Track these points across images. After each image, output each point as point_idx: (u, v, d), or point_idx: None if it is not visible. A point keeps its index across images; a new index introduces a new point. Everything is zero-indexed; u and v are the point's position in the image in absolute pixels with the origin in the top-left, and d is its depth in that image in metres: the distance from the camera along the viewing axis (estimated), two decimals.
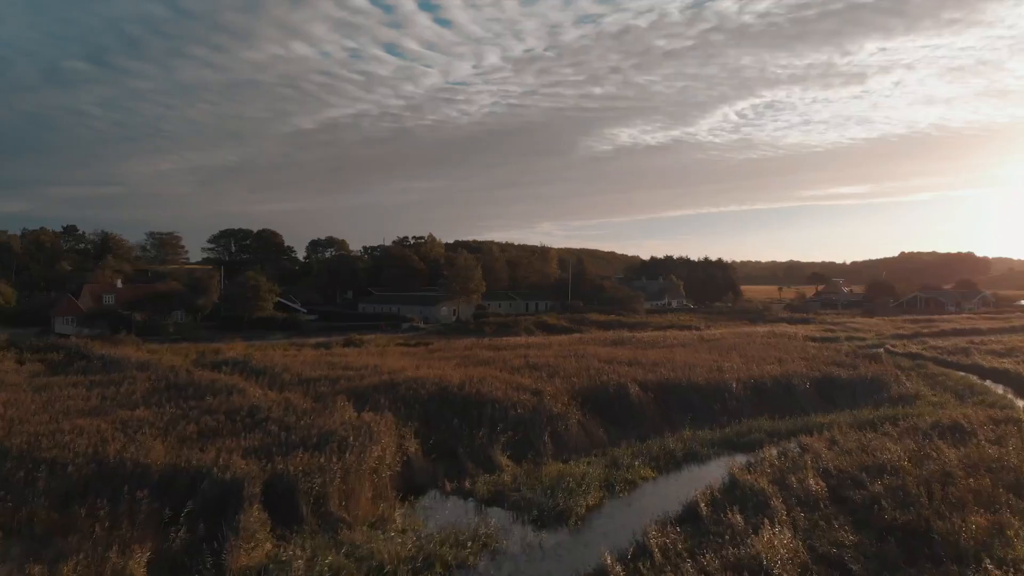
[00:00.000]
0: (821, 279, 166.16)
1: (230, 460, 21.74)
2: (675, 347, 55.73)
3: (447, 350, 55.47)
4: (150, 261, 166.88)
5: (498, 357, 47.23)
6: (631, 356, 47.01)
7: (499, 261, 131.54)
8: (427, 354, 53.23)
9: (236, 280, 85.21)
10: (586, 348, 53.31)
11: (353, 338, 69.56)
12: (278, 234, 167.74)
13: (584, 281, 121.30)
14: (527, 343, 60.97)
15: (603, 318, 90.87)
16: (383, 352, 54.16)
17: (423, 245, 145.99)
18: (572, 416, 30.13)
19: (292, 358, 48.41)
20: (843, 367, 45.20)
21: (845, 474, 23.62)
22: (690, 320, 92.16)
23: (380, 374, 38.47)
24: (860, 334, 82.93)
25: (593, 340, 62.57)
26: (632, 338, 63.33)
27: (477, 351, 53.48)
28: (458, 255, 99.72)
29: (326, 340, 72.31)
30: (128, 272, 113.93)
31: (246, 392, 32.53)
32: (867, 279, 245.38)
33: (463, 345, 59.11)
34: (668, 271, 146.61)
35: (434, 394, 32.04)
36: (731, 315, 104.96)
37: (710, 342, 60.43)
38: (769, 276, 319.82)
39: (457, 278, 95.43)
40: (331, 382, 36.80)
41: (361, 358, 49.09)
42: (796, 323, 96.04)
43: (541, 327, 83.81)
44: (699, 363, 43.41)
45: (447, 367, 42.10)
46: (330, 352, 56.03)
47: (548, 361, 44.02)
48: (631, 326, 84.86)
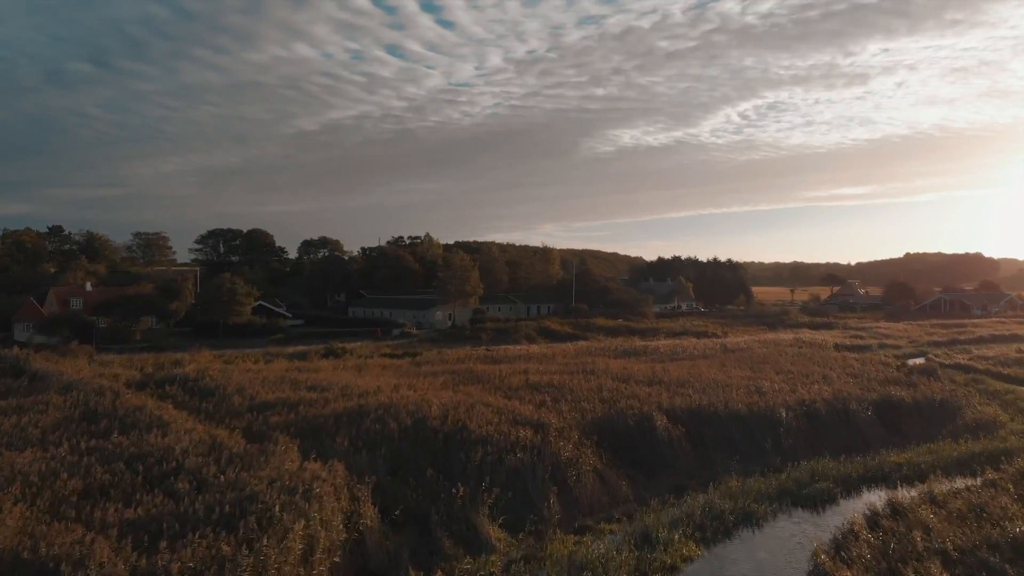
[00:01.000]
0: (836, 280, 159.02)
1: (93, 548, 14.93)
2: (698, 359, 48.81)
3: (436, 363, 48.59)
4: (136, 262, 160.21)
5: (493, 372, 40.37)
6: (649, 372, 40.11)
7: (499, 262, 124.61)
8: (412, 368, 46.35)
9: (211, 282, 78.42)
10: (595, 361, 46.38)
11: (335, 347, 62.68)
12: (268, 234, 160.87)
13: (589, 283, 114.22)
14: (528, 353, 54.08)
15: (610, 323, 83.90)
16: (363, 366, 47.28)
17: (419, 245, 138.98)
18: (585, 461, 23.23)
19: (255, 374, 41.56)
20: (900, 386, 38.30)
21: (972, 559, 16.77)
22: (705, 325, 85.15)
23: (349, 397, 31.69)
24: (891, 341, 75.90)
25: (602, 350, 55.65)
26: (646, 348, 56.39)
27: (470, 364, 46.60)
28: (454, 255, 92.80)
29: (306, 349, 65.48)
30: (102, 274, 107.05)
31: (170, 427, 25.66)
32: (874, 280, 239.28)
33: (455, 356, 52.24)
34: (676, 272, 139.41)
35: (408, 429, 25.17)
36: (747, 319, 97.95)
37: (735, 352, 53.51)
38: (774, 277, 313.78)
39: (453, 280, 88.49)
40: (288, 408, 30.04)
41: (335, 374, 42.28)
42: (818, 328, 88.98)
43: (543, 333, 76.92)
44: (732, 381, 36.51)
45: (431, 387, 35.27)
46: (304, 365, 49.18)
47: (552, 379, 37.14)
48: (641, 332, 77.91)
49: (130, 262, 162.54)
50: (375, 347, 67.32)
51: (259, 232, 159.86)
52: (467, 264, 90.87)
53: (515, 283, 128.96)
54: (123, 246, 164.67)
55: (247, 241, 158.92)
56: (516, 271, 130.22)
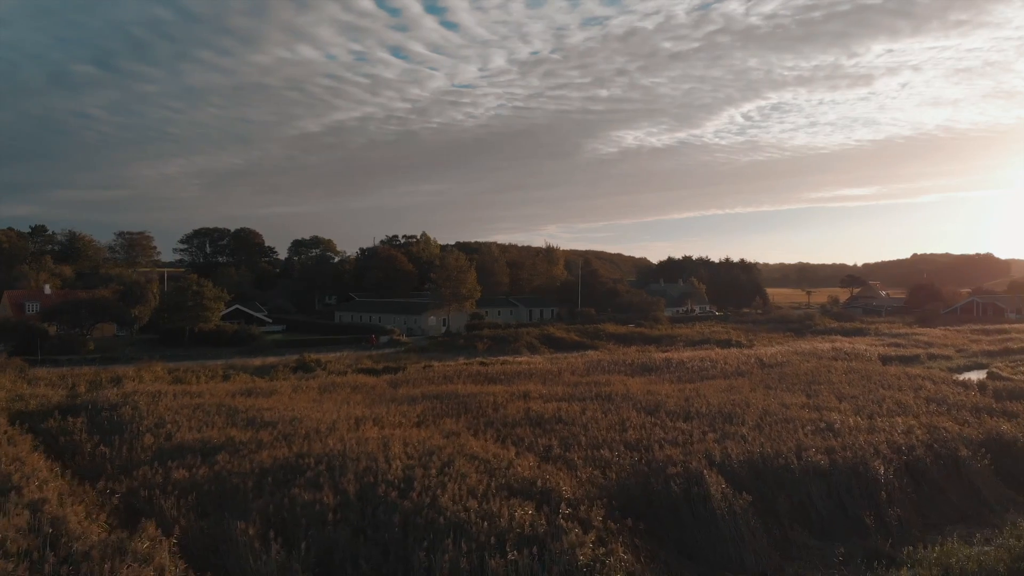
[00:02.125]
0: (855, 282, 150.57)
1: None
2: (733, 378, 40.74)
3: (419, 382, 40.55)
4: (118, 263, 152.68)
5: (486, 398, 32.38)
6: (681, 397, 32.05)
7: (499, 262, 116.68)
8: (388, 389, 38.35)
9: (177, 285, 70.60)
10: (610, 380, 38.35)
11: (308, 359, 54.71)
12: (258, 233, 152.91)
13: (595, 285, 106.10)
14: (529, 368, 46.04)
15: (621, 330, 75.77)
16: (329, 386, 39.24)
17: (414, 245, 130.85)
18: (615, 564, 15.14)
19: (192, 399, 33.59)
20: (997, 416, 30.21)
21: None
22: (726, 332, 77.00)
23: (291, 440, 23.91)
24: (936, 350, 67.70)
25: (616, 364, 47.57)
26: (668, 361, 48.26)
27: (459, 384, 38.63)
28: (448, 254, 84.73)
29: (276, 361, 57.63)
30: (68, 276, 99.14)
31: (8, 496, 17.71)
32: (883, 281, 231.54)
33: (443, 372, 44.20)
34: (688, 273, 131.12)
35: (351, 504, 17.19)
36: (769, 325, 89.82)
37: (774, 368, 45.44)
38: (781, 278, 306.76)
39: (447, 282, 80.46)
40: (204, 457, 22.32)
41: (291, 399, 34.40)
42: (850, 335, 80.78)
43: (546, 341, 68.87)
44: (791, 413, 28.43)
45: (404, 421, 27.39)
46: (259, 385, 41.20)
47: (560, 409, 29.16)
48: (657, 341, 69.80)
49: (112, 263, 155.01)
50: (356, 358, 59.39)
51: (247, 231, 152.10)
52: (463, 264, 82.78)
53: (516, 285, 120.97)
54: (106, 246, 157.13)
55: (235, 241, 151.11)
56: (518, 272, 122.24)
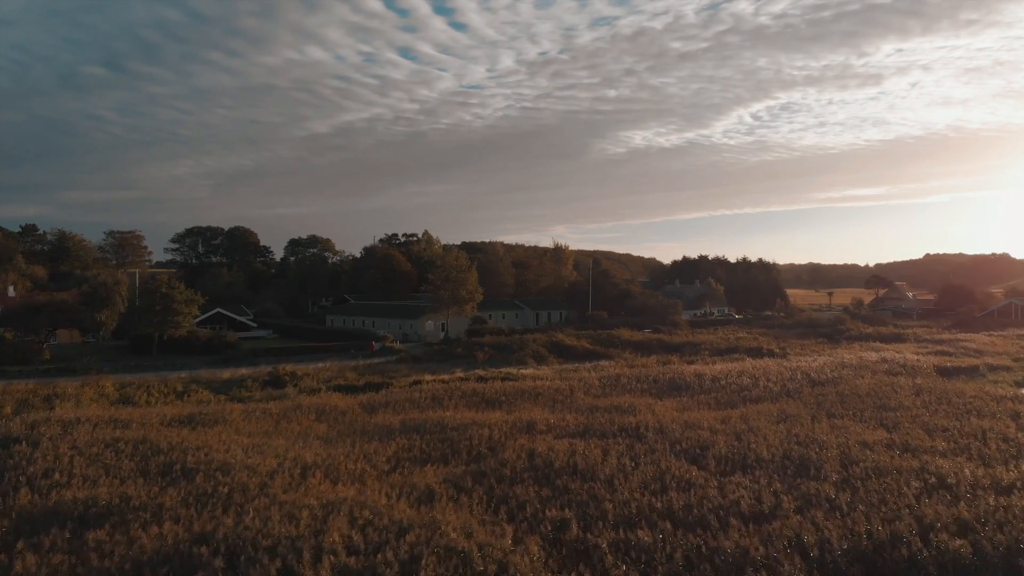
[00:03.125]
0: (880, 282, 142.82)
1: None
2: (781, 399, 33.58)
3: (400, 405, 33.55)
4: (108, 263, 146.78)
5: (479, 431, 25.40)
6: (726, 431, 24.92)
7: (504, 262, 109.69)
8: (363, 414, 31.40)
9: (146, 288, 64.04)
10: (634, 404, 31.27)
11: (282, 373, 47.85)
12: (252, 232, 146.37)
13: (607, 286, 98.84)
14: (535, 385, 38.98)
15: (637, 336, 68.55)
16: (293, 410, 32.28)
17: (415, 244, 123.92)
18: None
19: (115, 431, 26.75)
20: None
21: None
22: (754, 339, 69.67)
23: (203, 505, 17.02)
24: (989, 359, 60.15)
25: (638, 381, 40.43)
26: (699, 377, 41.01)
27: (448, 410, 31.68)
28: (447, 253, 77.81)
29: (248, 373, 50.88)
30: (40, 276, 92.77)
31: None
32: (898, 281, 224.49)
33: (432, 392, 37.16)
34: (704, 274, 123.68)
35: None
36: (798, 330, 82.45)
37: (824, 385, 38.23)
38: (793, 279, 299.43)
39: (446, 283, 73.55)
40: (74, 531, 15.50)
41: (239, 431, 27.54)
42: (888, 341, 73.30)
43: (555, 350, 61.80)
44: (878, 457, 21.30)
45: (368, 469, 20.50)
46: (214, 406, 34.37)
47: (574, 451, 22.12)
48: (679, 349, 62.57)
49: (102, 263, 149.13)
50: (339, 370, 52.53)
51: (242, 230, 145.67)
52: (463, 264, 75.76)
53: (522, 286, 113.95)
54: (96, 246, 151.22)
55: (229, 240, 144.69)
56: (524, 273, 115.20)
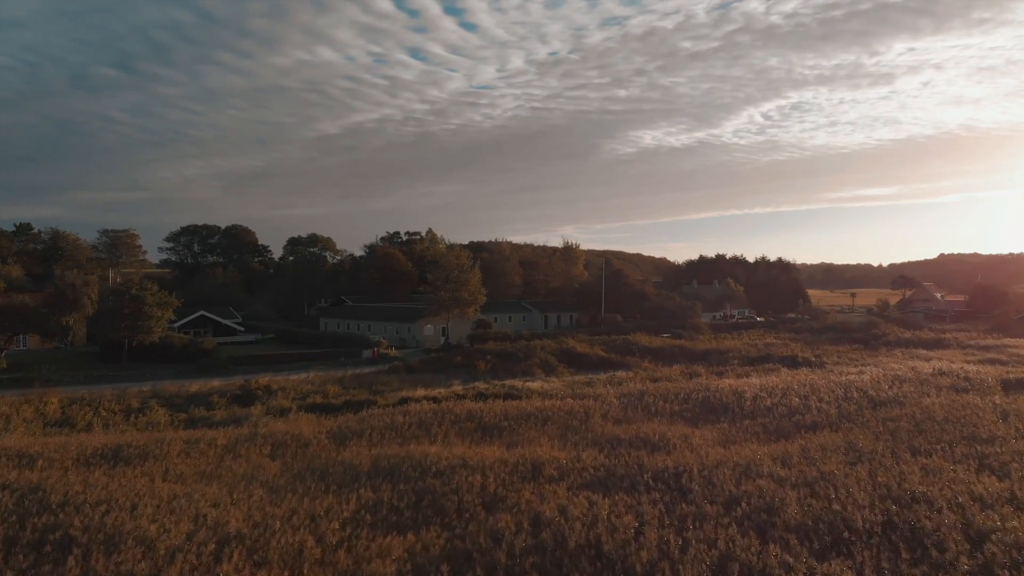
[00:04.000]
0: (908, 283, 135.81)
1: None
2: (842, 425, 27.34)
3: (379, 433, 27.50)
4: (102, 262, 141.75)
5: (469, 479, 19.35)
6: (793, 479, 18.70)
7: (510, 261, 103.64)
8: (330, 446, 25.39)
9: (115, 290, 58.39)
10: (666, 436, 25.11)
11: (255, 386, 41.98)
12: (250, 231, 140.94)
13: (620, 287, 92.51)
14: (543, 405, 32.87)
15: (656, 342, 62.24)
16: (247, 440, 26.34)
17: (418, 243, 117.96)
18: None
19: (6, 473, 20.97)
20: None
21: None
22: (784, 345, 63.30)
23: None
24: None
25: (664, 399, 34.23)
26: (738, 395, 34.71)
27: (435, 442, 25.69)
28: (448, 252, 71.84)
29: (220, 385, 45.06)
30: (15, 277, 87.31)
31: None
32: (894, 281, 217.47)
33: (420, 415, 31.10)
34: (722, 274, 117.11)
35: None
36: (829, 334, 75.95)
37: (888, 406, 31.96)
38: (807, 279, 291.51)
39: (446, 284, 67.57)
40: None
41: (168, 474, 21.72)
42: (932, 348, 66.81)
43: (565, 358, 55.68)
44: (1006, 523, 15.01)
45: (307, 543, 14.37)
46: (151, 434, 28.57)
47: (594, 515, 15.92)
48: (704, 358, 56.27)
49: (95, 263, 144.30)
50: (322, 382, 46.63)
51: (239, 228, 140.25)
52: (464, 263, 69.69)
53: (530, 287, 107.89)
54: (89, 245, 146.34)
55: (225, 239, 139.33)
56: (532, 273, 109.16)
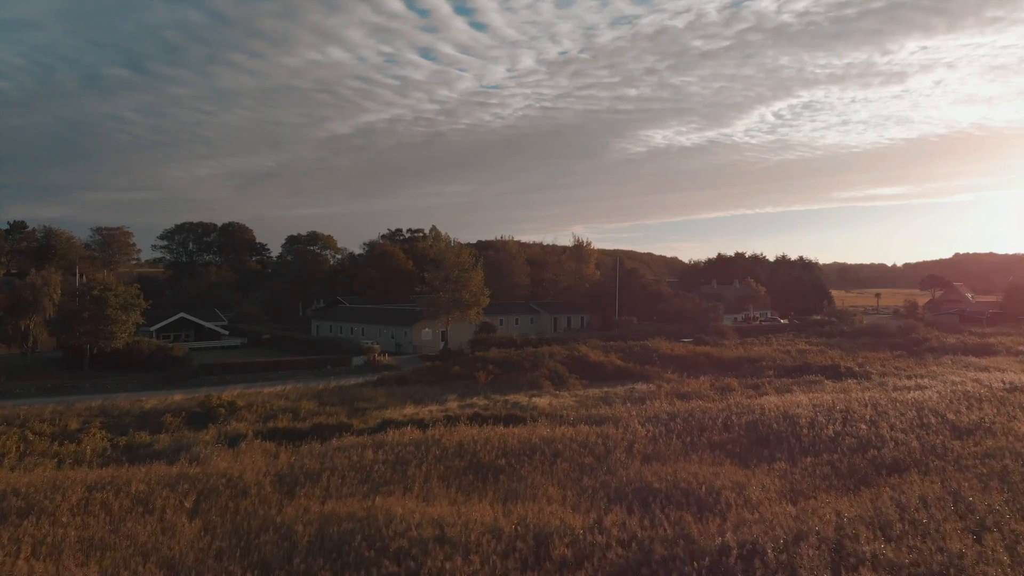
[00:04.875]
0: (938, 283, 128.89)
1: None
2: (928, 465, 21.32)
3: (342, 475, 21.57)
4: (93, 261, 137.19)
5: (440, 560, 13.47)
6: (891, 561, 12.73)
7: (517, 259, 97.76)
8: (273, 497, 19.57)
9: (77, 291, 52.94)
10: (715, 485, 19.14)
11: (218, 401, 36.29)
12: (248, 228, 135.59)
13: (635, 287, 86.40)
14: (552, 434, 26.91)
15: (679, 349, 56.07)
16: (171, 487, 20.59)
17: (420, 241, 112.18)
18: None
19: None
20: None
21: None
22: (819, 352, 57.06)
23: None
24: None
25: (700, 427, 28.16)
26: (789, 421, 28.60)
27: (412, 491, 19.87)
28: (448, 248, 66.03)
29: (181, 400, 39.40)
30: None
31: None
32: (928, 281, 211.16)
33: (398, 449, 25.24)
34: (743, 273, 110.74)
35: None
36: (862, 339, 69.64)
37: (974, 434, 25.85)
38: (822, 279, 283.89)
39: (445, 283, 61.78)
40: None
41: (35, 552, 15.88)
42: (979, 354, 60.38)
43: (577, 367, 49.68)
44: None
45: None
46: (49, 478, 22.91)
47: None
48: (734, 367, 50.08)
49: (88, 262, 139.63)
50: (298, 395, 40.88)
51: (236, 226, 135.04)
52: (465, 261, 63.80)
53: (539, 287, 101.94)
54: (82, 244, 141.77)
55: (222, 236, 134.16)
56: (540, 272, 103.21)
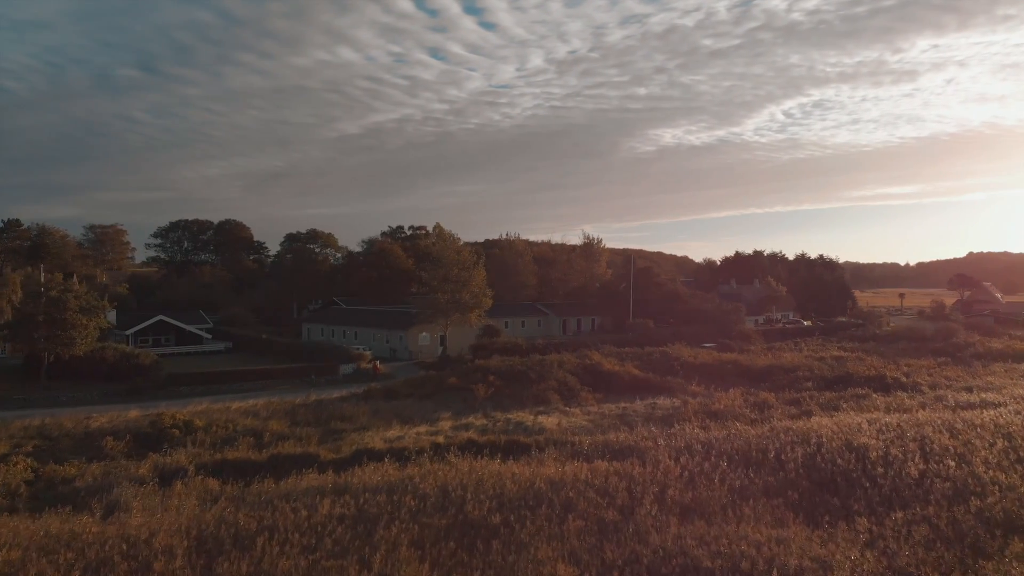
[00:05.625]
0: (967, 282, 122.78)
1: None
2: None
3: (280, 541, 16.22)
4: (86, 259, 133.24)
5: None
6: None
7: (524, 258, 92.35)
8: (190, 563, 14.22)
9: (32, 291, 47.93)
10: (785, 562, 13.66)
11: (169, 422, 31.06)
12: (245, 226, 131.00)
13: (650, 287, 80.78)
14: (562, 472, 21.44)
15: (702, 357, 50.49)
16: (49, 553, 15.28)
17: (422, 238, 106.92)
18: None
19: None
20: None
21: None
22: (858, 359, 51.36)
23: None
24: None
25: (743, 458, 22.50)
26: (855, 456, 22.95)
27: (374, 565, 14.40)
28: (447, 246, 60.53)
29: (135, 418, 34.23)
30: None
31: None
32: (938, 281, 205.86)
33: (364, 496, 19.85)
34: (762, 272, 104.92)
35: None
36: (899, 344, 63.98)
37: None
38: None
39: (444, 284, 56.46)
40: None
41: None
42: None
43: (590, 379, 44.21)
44: None
45: None
46: None
47: None
48: (766, 378, 44.44)
49: (81, 261, 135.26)
50: (270, 411, 35.63)
51: (232, 223, 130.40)
52: (466, 259, 58.39)
53: (547, 287, 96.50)
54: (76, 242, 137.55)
55: (218, 234, 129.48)
56: (549, 271, 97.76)
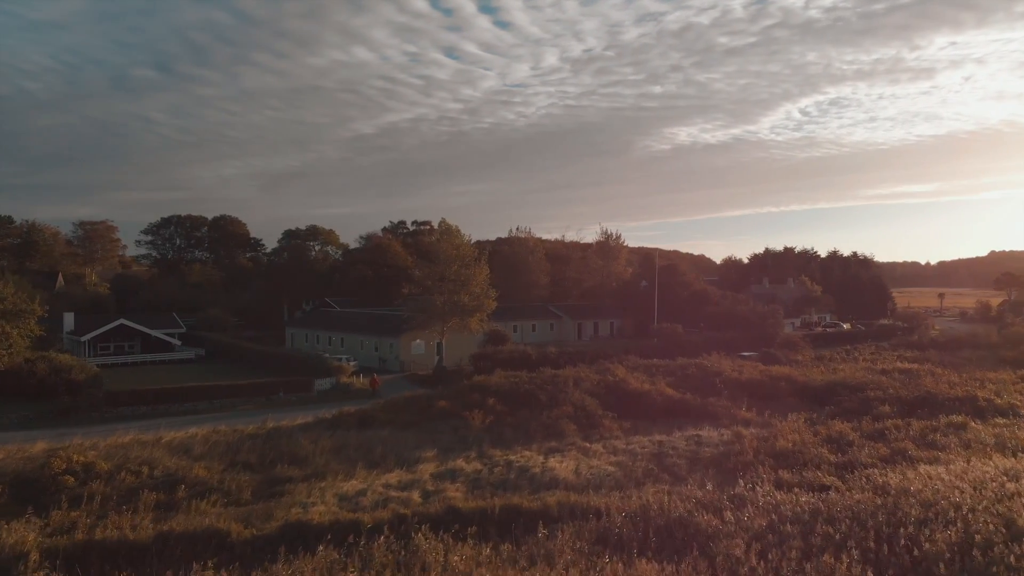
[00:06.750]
0: (1015, 281, 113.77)
1: None
2: None
3: None
4: (76, 257, 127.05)
5: None
6: None
7: (535, 255, 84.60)
8: None
9: None
10: None
11: (61, 466, 23.67)
12: (241, 223, 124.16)
13: (676, 286, 72.67)
14: None
15: (747, 371, 42.31)
16: None
17: (426, 235, 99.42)
18: None
19: None
20: None
21: None
22: (931, 373, 43.27)
23: None
24: None
25: (862, 550, 14.90)
26: (1011, 536, 15.31)
27: None
28: (444, 240, 52.55)
29: (40, 452, 27.00)
30: None
31: None
32: (961, 280, 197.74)
33: None
34: (796, 272, 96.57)
35: None
36: (962, 352, 55.77)
37: None
38: None
39: (441, 284, 48.87)
40: None
41: None
42: None
43: (612, 399, 36.33)
44: None
45: None
46: None
47: None
48: (830, 399, 36.32)
49: (71, 259, 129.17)
50: (210, 445, 28.20)
51: (227, 219, 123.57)
52: (465, 255, 50.74)
53: (560, 287, 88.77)
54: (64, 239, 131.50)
55: (213, 230, 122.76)
56: (562, 269, 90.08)
